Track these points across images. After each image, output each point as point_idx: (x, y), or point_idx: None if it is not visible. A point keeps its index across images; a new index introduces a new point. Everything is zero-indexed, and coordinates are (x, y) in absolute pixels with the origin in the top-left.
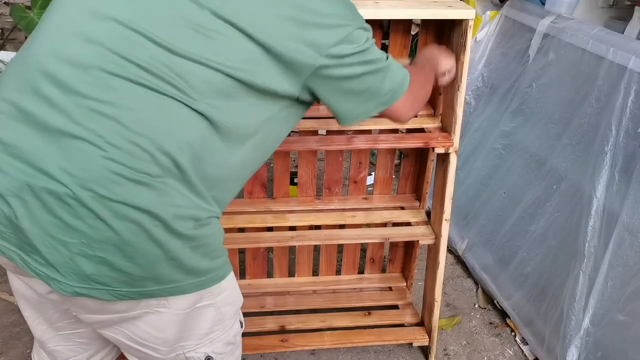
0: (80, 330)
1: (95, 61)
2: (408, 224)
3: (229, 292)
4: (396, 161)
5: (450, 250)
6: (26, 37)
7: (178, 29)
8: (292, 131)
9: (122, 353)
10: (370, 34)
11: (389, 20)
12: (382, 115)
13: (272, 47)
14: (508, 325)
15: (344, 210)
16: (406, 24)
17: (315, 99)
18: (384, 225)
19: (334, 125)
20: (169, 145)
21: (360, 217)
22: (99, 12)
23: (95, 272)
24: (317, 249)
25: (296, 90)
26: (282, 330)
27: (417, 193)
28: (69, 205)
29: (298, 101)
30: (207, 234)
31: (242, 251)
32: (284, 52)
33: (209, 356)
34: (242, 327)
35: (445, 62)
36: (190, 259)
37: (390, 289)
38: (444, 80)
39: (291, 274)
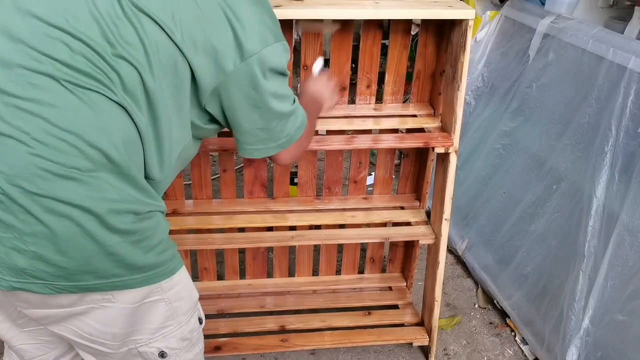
0: (41, 328)
1: (17, 59)
2: (408, 223)
3: (181, 286)
4: (396, 161)
5: (450, 250)
6: None
7: (97, 24)
8: None
9: None
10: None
11: (389, 20)
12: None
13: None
14: (508, 325)
15: (344, 210)
16: (406, 24)
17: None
18: (384, 225)
19: (333, 125)
20: (98, 139)
21: (360, 217)
22: (21, 7)
23: (29, 267)
24: (317, 248)
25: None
26: (282, 330)
27: (417, 193)
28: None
29: (203, 117)
30: (148, 228)
31: (242, 251)
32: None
33: (162, 351)
34: (201, 323)
35: (328, 103)
36: (130, 253)
37: (390, 288)
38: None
39: (291, 273)
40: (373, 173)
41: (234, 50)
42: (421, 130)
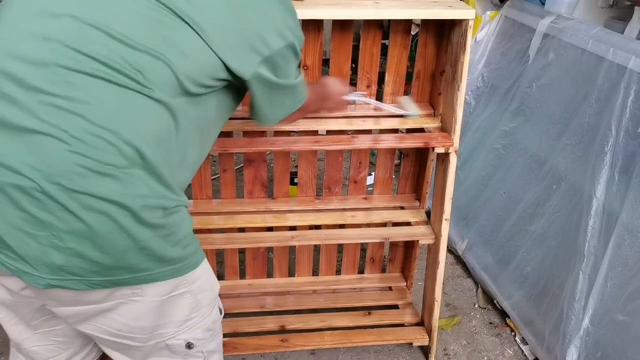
0: (57, 328)
1: (53, 58)
2: (408, 223)
3: (204, 279)
4: (396, 161)
5: (450, 250)
6: None
7: (136, 23)
8: (292, 131)
9: (103, 353)
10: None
11: (389, 20)
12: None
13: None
14: (508, 325)
15: (344, 210)
16: (406, 24)
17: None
18: (384, 225)
19: (334, 125)
20: (132, 137)
21: (360, 217)
22: (51, 10)
23: (66, 263)
24: (317, 248)
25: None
26: (282, 330)
27: (417, 193)
28: (36, 199)
29: (229, 88)
30: (175, 222)
31: (242, 251)
32: (231, 61)
33: (189, 342)
34: (221, 313)
35: (333, 101)
36: (160, 247)
37: (390, 288)
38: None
39: (291, 273)
40: (373, 173)
41: (258, 51)
42: (421, 130)
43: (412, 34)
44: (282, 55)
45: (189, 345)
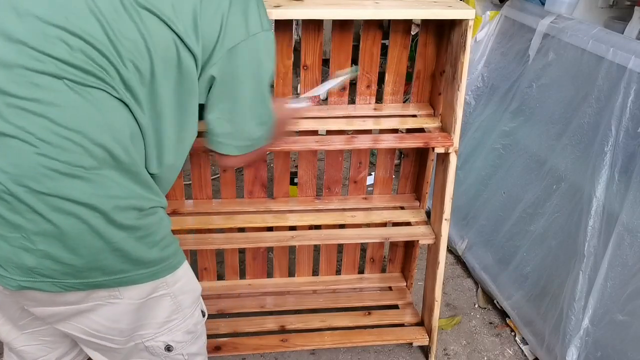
0: (43, 328)
1: (18, 60)
2: (408, 223)
3: (184, 280)
4: (396, 161)
5: (450, 250)
6: None
7: (97, 20)
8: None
9: None
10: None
11: (389, 20)
12: (219, 157)
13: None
14: (508, 325)
15: (343, 210)
16: (406, 24)
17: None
18: (384, 225)
19: (333, 125)
20: (101, 137)
21: (360, 217)
22: (19, 7)
23: (37, 265)
24: (317, 248)
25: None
26: (282, 330)
27: (417, 193)
28: (5, 202)
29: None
30: (152, 223)
31: (242, 251)
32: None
33: (168, 345)
34: (204, 316)
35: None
36: (136, 249)
37: (390, 288)
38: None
39: (291, 273)
40: (373, 173)
41: (220, 42)
42: (421, 130)
43: (412, 34)
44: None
45: (168, 348)
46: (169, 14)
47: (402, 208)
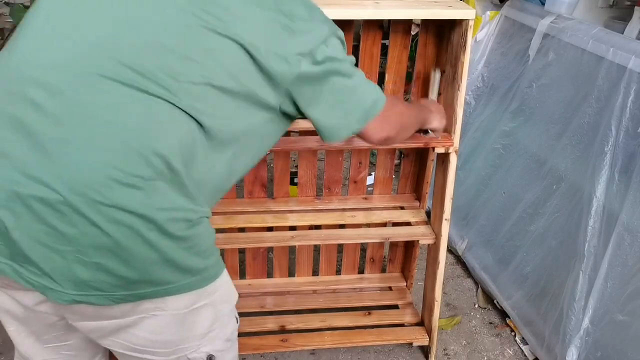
0: (68, 342)
1: (84, 65)
2: (408, 223)
3: (224, 289)
4: (396, 161)
5: (450, 250)
6: None
7: (167, 32)
8: (292, 131)
9: None
10: (345, 46)
11: (389, 20)
12: (359, 134)
13: (257, 57)
14: (508, 325)
15: (344, 210)
16: (406, 24)
17: (299, 113)
18: (384, 225)
19: None
20: (161, 147)
21: (360, 217)
22: (81, 18)
23: (91, 279)
24: (317, 248)
25: (278, 100)
26: (282, 330)
27: (417, 193)
28: (61, 213)
29: (280, 115)
30: (199, 234)
31: (242, 251)
32: (266, 62)
33: (210, 355)
34: (237, 323)
35: (437, 121)
36: (184, 259)
37: (390, 288)
38: (429, 128)
39: (291, 273)
40: (373, 173)
41: (298, 53)
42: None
43: (412, 34)
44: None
45: (210, 358)
46: (252, 41)
47: (402, 208)
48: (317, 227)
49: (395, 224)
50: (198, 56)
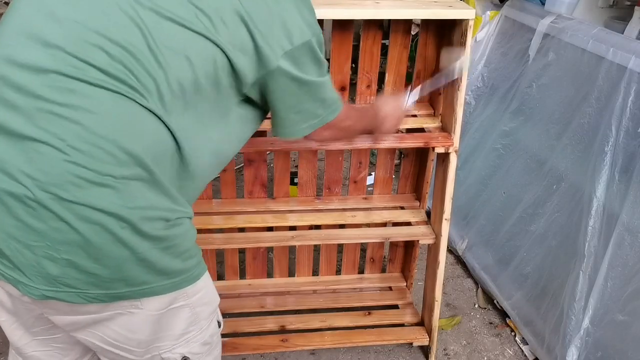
0: (57, 336)
1: (53, 65)
2: (408, 223)
3: (204, 292)
4: (396, 161)
5: (450, 250)
6: None
7: (139, 30)
8: None
9: None
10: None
11: (389, 20)
12: (308, 136)
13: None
14: (508, 325)
15: (344, 210)
16: (406, 24)
17: (261, 102)
18: (384, 225)
19: None
20: (132, 146)
21: (360, 217)
22: (56, 13)
23: (61, 275)
24: (317, 248)
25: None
26: (282, 330)
27: (417, 193)
28: (31, 208)
29: (246, 102)
30: (177, 235)
31: (242, 251)
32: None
33: (185, 357)
34: (220, 326)
35: (387, 125)
36: (160, 260)
37: (390, 288)
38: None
39: (291, 273)
40: (373, 173)
41: (275, 49)
42: (421, 130)
43: (412, 34)
44: (303, 51)
45: (185, 359)
46: (208, 27)
47: (402, 208)
48: (317, 227)
49: (395, 224)
50: (169, 53)
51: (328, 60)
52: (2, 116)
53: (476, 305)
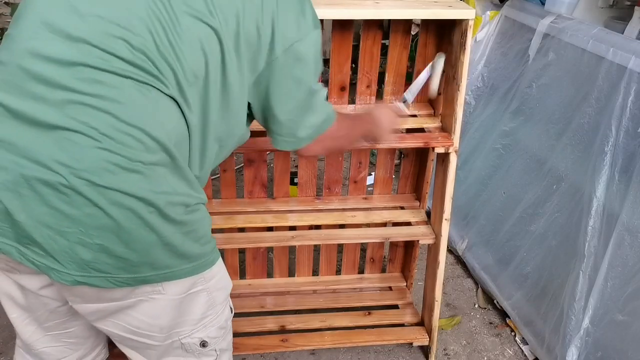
0: (70, 330)
1: (80, 58)
2: (408, 223)
3: (219, 277)
4: (396, 161)
5: (450, 250)
6: None
7: (156, 21)
8: None
9: (111, 354)
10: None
11: (389, 20)
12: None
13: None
14: (508, 325)
15: (344, 210)
16: (406, 24)
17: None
18: (384, 225)
19: None
20: (157, 132)
21: (360, 217)
22: (79, 8)
23: (94, 260)
24: (317, 248)
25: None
26: (282, 330)
27: (417, 193)
28: (64, 195)
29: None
30: (196, 220)
31: (242, 251)
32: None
33: (203, 341)
34: (232, 312)
35: (381, 131)
36: (182, 244)
37: (390, 288)
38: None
39: (291, 273)
40: (373, 173)
41: (273, 43)
42: (421, 130)
43: (412, 34)
44: (299, 53)
45: (204, 344)
46: (212, 20)
47: (402, 208)
48: (317, 227)
49: (395, 224)
50: (184, 45)
51: (328, 60)
52: (31, 108)
53: (476, 305)
